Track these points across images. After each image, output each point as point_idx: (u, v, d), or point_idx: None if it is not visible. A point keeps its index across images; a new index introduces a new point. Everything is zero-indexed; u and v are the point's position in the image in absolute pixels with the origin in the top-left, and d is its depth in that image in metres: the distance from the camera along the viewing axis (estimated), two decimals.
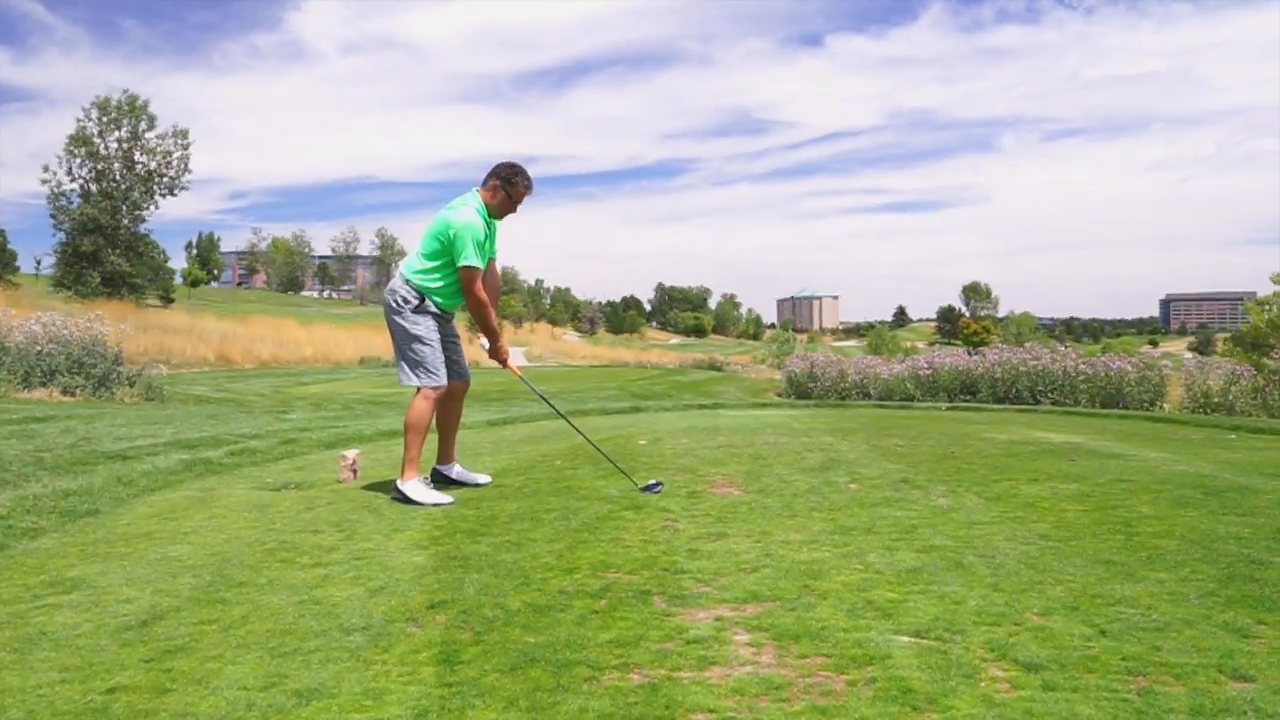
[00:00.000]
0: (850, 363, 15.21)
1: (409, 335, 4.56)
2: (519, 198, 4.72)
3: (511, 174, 4.68)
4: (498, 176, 4.72)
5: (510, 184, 4.67)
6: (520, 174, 4.70)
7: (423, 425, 4.53)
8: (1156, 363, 11.47)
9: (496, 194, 4.71)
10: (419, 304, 4.58)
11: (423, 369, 4.53)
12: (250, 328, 42.33)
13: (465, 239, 4.51)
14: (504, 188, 4.68)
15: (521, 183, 4.69)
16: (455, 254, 4.53)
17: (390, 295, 4.62)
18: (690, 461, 5.33)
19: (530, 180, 4.75)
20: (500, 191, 4.69)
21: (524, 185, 4.70)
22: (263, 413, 10.35)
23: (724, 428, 7.29)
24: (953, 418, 8.43)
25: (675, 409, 9.63)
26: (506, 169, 4.72)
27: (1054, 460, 5.27)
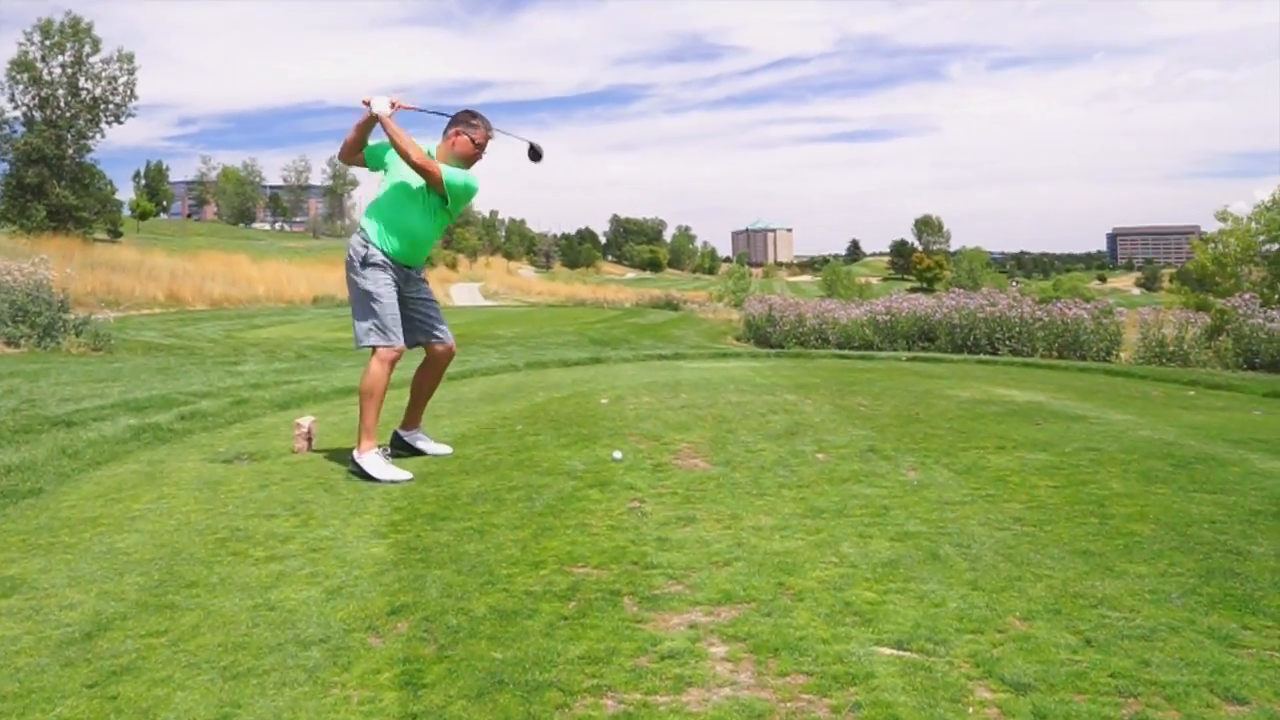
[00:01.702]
0: (808, 306, 15.20)
1: (359, 290, 4.35)
2: (482, 140, 4.53)
3: (470, 117, 4.52)
4: (457, 123, 4.53)
5: (471, 126, 4.50)
6: (479, 116, 4.53)
7: (377, 391, 4.33)
8: (1111, 310, 11.60)
9: (458, 141, 4.50)
10: (365, 254, 4.35)
11: (374, 329, 4.33)
12: (201, 265, 41.15)
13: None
14: (466, 131, 4.50)
15: (482, 124, 4.52)
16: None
17: (347, 249, 4.42)
18: (654, 426, 5.22)
19: (489, 124, 4.56)
20: (463, 135, 4.49)
21: (485, 127, 4.52)
22: (214, 364, 10.04)
23: (686, 383, 7.20)
24: (914, 370, 8.43)
25: (635, 359, 9.52)
26: (465, 114, 4.54)
27: (1019, 424, 5.27)
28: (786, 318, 14.49)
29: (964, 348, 11.93)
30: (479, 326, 18.05)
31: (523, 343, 14.12)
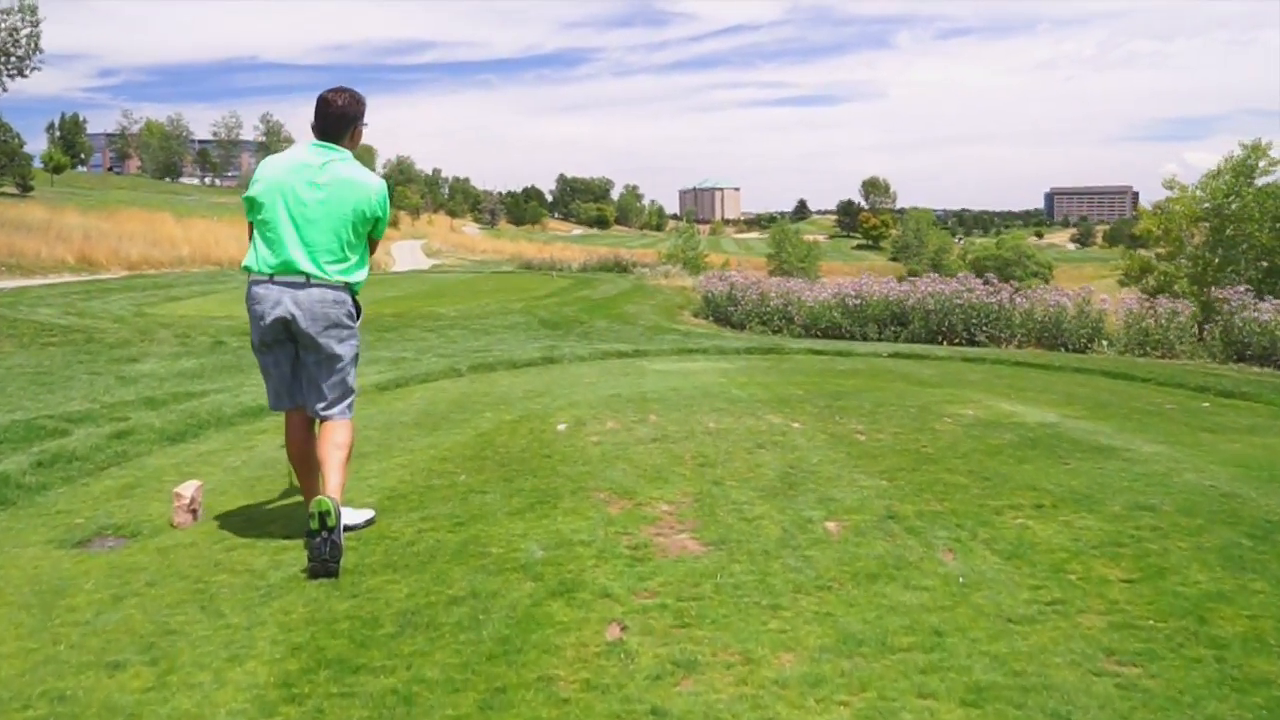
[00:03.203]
0: (771, 284, 14.40)
1: (355, 354, 3.71)
2: None
3: (361, 105, 3.72)
4: (357, 118, 3.69)
5: (362, 117, 3.71)
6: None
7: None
8: (1093, 298, 11.03)
9: (359, 136, 3.75)
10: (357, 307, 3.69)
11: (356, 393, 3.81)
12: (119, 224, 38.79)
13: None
14: (361, 124, 3.73)
15: (364, 103, 3.74)
16: (380, 230, 3.71)
17: (336, 309, 3.52)
18: (624, 473, 4.37)
19: None
20: (359, 132, 3.74)
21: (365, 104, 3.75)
22: (109, 362, 8.88)
23: (654, 397, 6.35)
24: (899, 372, 7.69)
25: (592, 356, 8.62)
26: (361, 102, 3.71)
27: (1045, 462, 4.54)
28: (749, 297, 13.69)
29: (938, 334, 11.29)
30: (419, 302, 16.90)
31: (466, 324, 13.09)
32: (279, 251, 3.49)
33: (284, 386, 3.65)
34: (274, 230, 3.51)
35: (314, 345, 3.50)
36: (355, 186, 3.53)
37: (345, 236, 3.51)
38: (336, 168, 3.54)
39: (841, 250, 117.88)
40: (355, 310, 3.63)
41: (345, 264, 3.53)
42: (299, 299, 3.46)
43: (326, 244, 3.49)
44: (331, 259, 3.49)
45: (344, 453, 3.49)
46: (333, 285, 3.50)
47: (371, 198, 3.56)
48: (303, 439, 3.65)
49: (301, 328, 3.47)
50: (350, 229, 3.52)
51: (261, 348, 3.61)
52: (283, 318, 3.48)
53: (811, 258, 72.06)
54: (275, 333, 3.53)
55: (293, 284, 3.47)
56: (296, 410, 3.68)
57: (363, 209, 3.53)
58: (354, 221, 3.52)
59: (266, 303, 3.50)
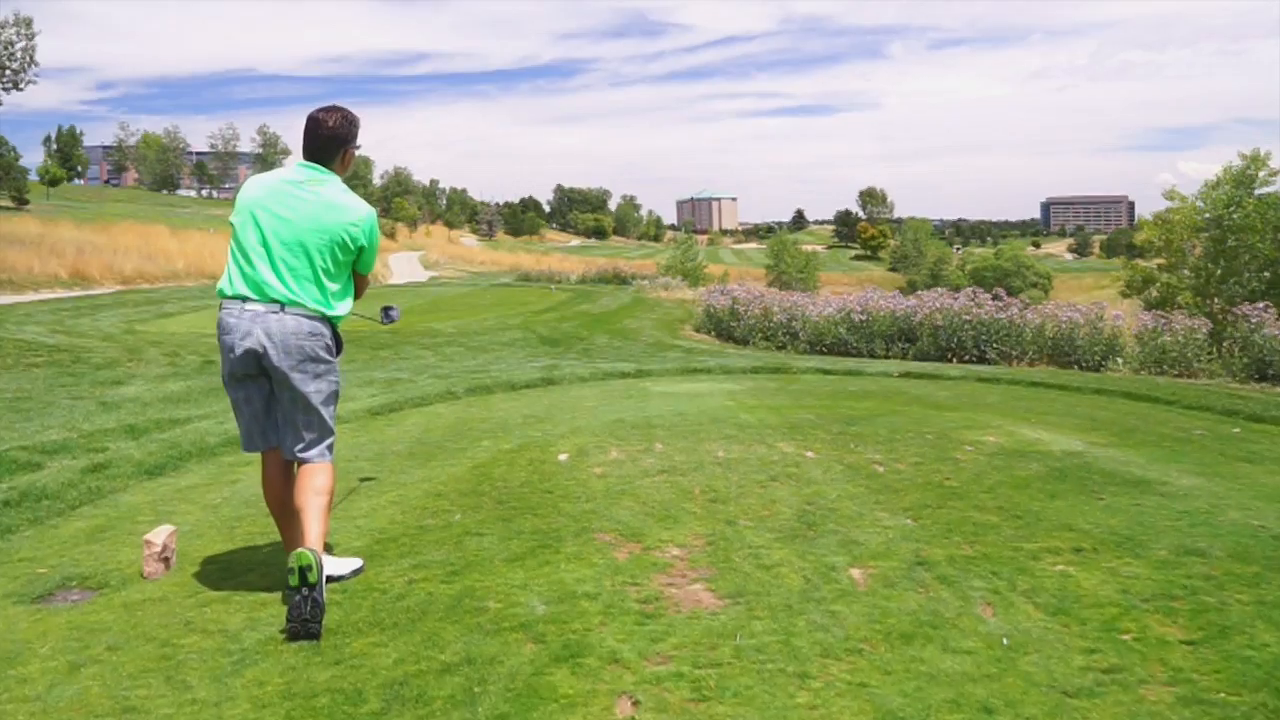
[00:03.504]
0: (774, 298, 14.14)
1: (334, 390, 3.41)
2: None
3: (354, 123, 3.44)
4: (349, 140, 3.40)
5: (356, 139, 3.44)
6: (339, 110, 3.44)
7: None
8: (1106, 314, 10.77)
9: (352, 156, 3.49)
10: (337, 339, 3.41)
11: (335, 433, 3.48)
12: (114, 237, 38.43)
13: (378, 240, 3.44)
14: (353, 146, 3.45)
15: (359, 123, 3.48)
16: (368, 263, 3.43)
17: (312, 341, 3.24)
18: (630, 511, 4.10)
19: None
20: (350, 155, 3.47)
21: (359, 125, 3.49)
22: (93, 385, 8.60)
23: (659, 422, 6.07)
24: (912, 393, 7.42)
25: (593, 377, 8.34)
26: (352, 125, 3.42)
27: (1078, 497, 4.26)
28: (751, 312, 13.42)
29: (947, 350, 11.02)
30: (415, 318, 16.63)
31: (464, 341, 12.82)
32: (251, 276, 3.22)
33: (256, 426, 3.36)
34: (247, 253, 3.24)
35: (286, 381, 3.22)
36: (337, 210, 3.25)
37: (323, 263, 3.22)
38: (319, 190, 3.26)
39: (840, 261, 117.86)
40: (335, 343, 3.35)
41: (323, 293, 3.24)
42: (270, 329, 3.18)
43: (302, 270, 3.21)
44: (308, 286, 3.21)
45: (325, 499, 3.20)
46: (308, 314, 3.21)
47: (355, 224, 3.27)
48: (280, 484, 3.36)
49: (273, 361, 3.19)
50: (329, 256, 3.23)
51: (231, 381, 3.32)
52: (253, 350, 3.19)
53: (810, 268, 71.94)
54: (246, 366, 3.24)
55: (265, 311, 3.19)
56: (272, 452, 3.39)
57: (343, 235, 3.24)
58: (334, 248, 3.23)
59: (236, 333, 3.22)
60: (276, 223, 3.20)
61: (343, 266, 3.30)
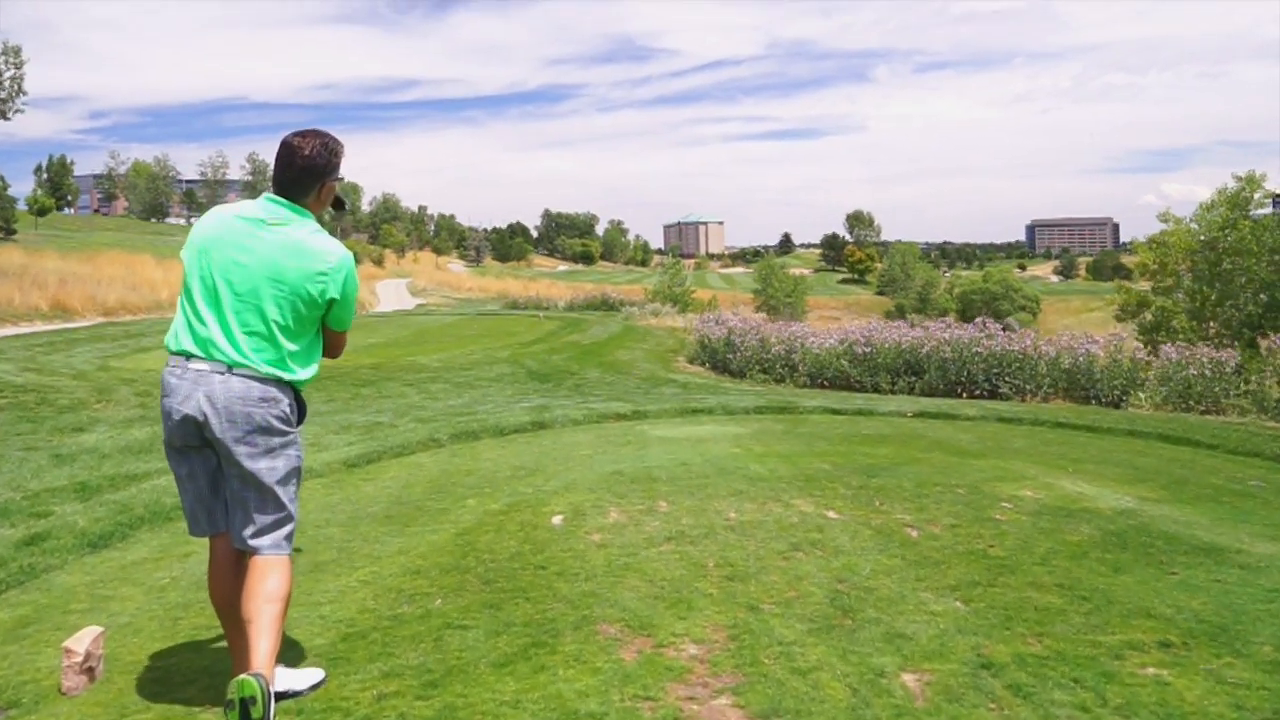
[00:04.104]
0: (772, 329, 13.66)
1: (294, 467, 2.84)
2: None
3: (334, 151, 2.87)
4: (329, 173, 2.85)
5: (337, 170, 2.89)
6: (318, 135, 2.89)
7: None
8: (1127, 346, 10.32)
9: (329, 194, 2.93)
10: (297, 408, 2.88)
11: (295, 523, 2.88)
12: (98, 268, 37.86)
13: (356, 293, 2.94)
14: (332, 178, 2.88)
15: (341, 153, 2.91)
16: (342, 319, 2.89)
17: (263, 409, 2.70)
18: (636, 594, 3.57)
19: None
20: (330, 188, 2.91)
21: (341, 153, 2.92)
22: (51, 431, 8.01)
23: (661, 474, 5.54)
24: (932, 437, 6.92)
25: (587, 419, 7.81)
26: (334, 152, 2.86)
27: (1144, 569, 3.76)
28: (748, 343, 12.93)
29: (957, 384, 10.54)
30: (400, 350, 16.08)
31: (449, 377, 12.27)
32: (197, 330, 2.71)
33: (201, 507, 2.81)
34: (194, 303, 2.73)
35: (231, 456, 2.69)
36: (303, 256, 2.73)
37: (281, 319, 2.70)
38: (284, 231, 2.74)
39: (827, 284, 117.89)
40: (297, 411, 2.83)
41: (279, 353, 2.72)
42: (214, 393, 2.65)
43: (256, 325, 2.69)
44: (260, 345, 2.70)
45: (278, 606, 2.65)
46: (260, 378, 2.70)
47: (323, 274, 2.74)
48: (228, 579, 2.81)
49: (214, 432, 2.66)
50: (289, 311, 2.71)
51: (171, 452, 2.79)
52: (192, 417, 2.66)
53: (798, 292, 71.86)
54: (185, 435, 2.71)
55: (209, 372, 2.67)
56: (220, 538, 2.85)
57: (306, 287, 2.72)
58: (295, 301, 2.72)
59: (177, 395, 2.69)
60: (231, 268, 2.69)
61: (307, 323, 2.78)
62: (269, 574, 2.68)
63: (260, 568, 2.70)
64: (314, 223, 2.83)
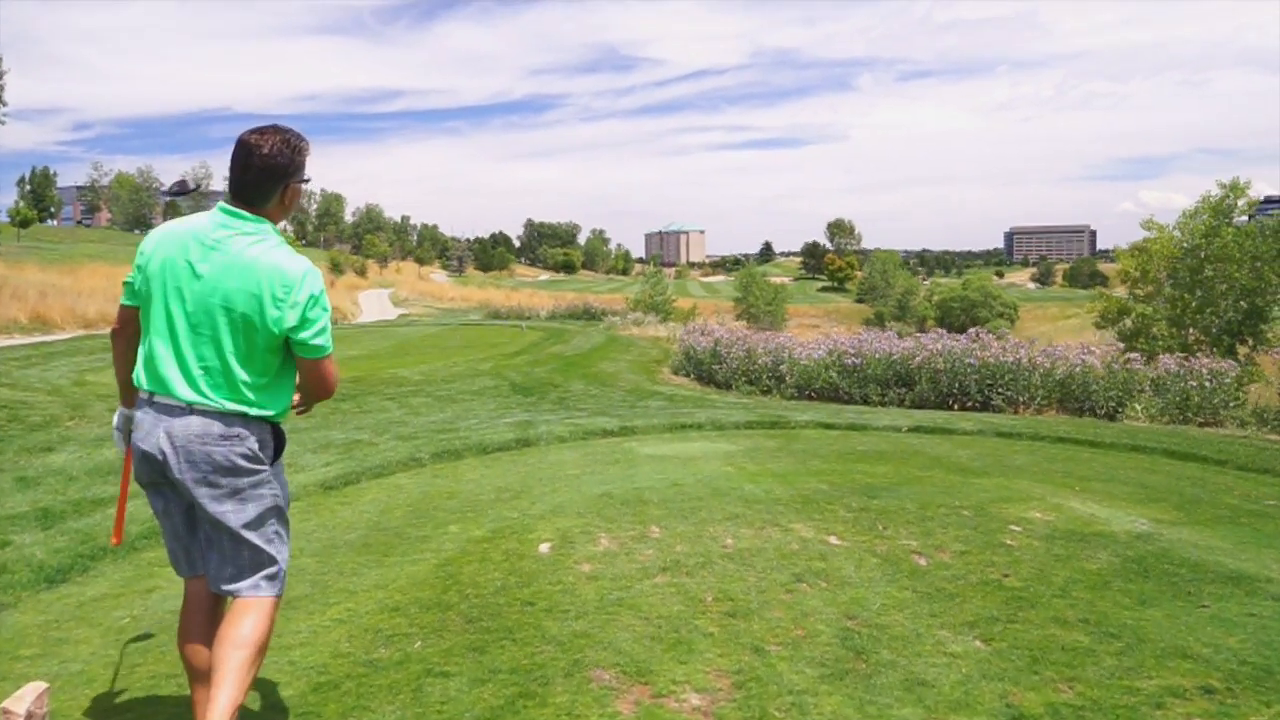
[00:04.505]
0: (758, 339, 13.44)
1: (273, 504, 2.54)
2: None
3: (296, 146, 2.52)
4: (292, 173, 2.51)
5: (303, 170, 2.54)
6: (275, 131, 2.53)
7: None
8: (1122, 356, 10.17)
9: (294, 198, 2.59)
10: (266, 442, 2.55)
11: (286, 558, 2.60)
12: (79, 280, 37.32)
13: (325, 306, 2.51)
14: (297, 180, 2.54)
15: (307, 150, 2.56)
16: (312, 348, 2.46)
17: (225, 448, 2.41)
18: (631, 633, 3.31)
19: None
20: (295, 191, 2.57)
21: (307, 152, 2.57)
22: (19, 451, 7.67)
23: (652, 496, 5.29)
24: (931, 455, 6.70)
25: (573, 436, 7.55)
26: (299, 149, 2.53)
27: (1173, 602, 3.55)
28: (734, 354, 12.70)
29: (949, 396, 10.35)
30: (381, 363, 15.76)
31: (431, 390, 11.98)
32: (153, 365, 2.43)
33: (179, 544, 2.55)
34: (149, 333, 2.46)
35: (193, 499, 2.42)
36: (251, 276, 2.39)
37: (237, 350, 2.41)
38: (236, 245, 2.42)
39: (807, 293, 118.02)
40: (273, 445, 2.54)
41: (240, 389, 2.43)
42: (173, 431, 2.38)
43: (210, 359, 2.40)
44: (218, 381, 2.41)
45: (247, 653, 2.38)
46: (221, 414, 2.41)
47: (278, 296, 2.39)
48: (200, 628, 2.52)
49: (174, 473, 2.40)
50: (242, 337, 2.40)
51: (143, 486, 2.53)
52: (153, 455, 2.40)
53: (778, 301, 71.83)
54: (150, 472, 2.46)
55: (171, 406, 2.40)
56: (196, 581, 2.58)
57: (258, 312, 2.38)
58: (247, 328, 2.39)
59: (139, 430, 2.45)
60: (181, 296, 2.40)
61: (267, 352, 2.45)
62: (244, 616, 2.41)
63: (236, 609, 2.44)
64: (272, 234, 2.49)
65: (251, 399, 2.44)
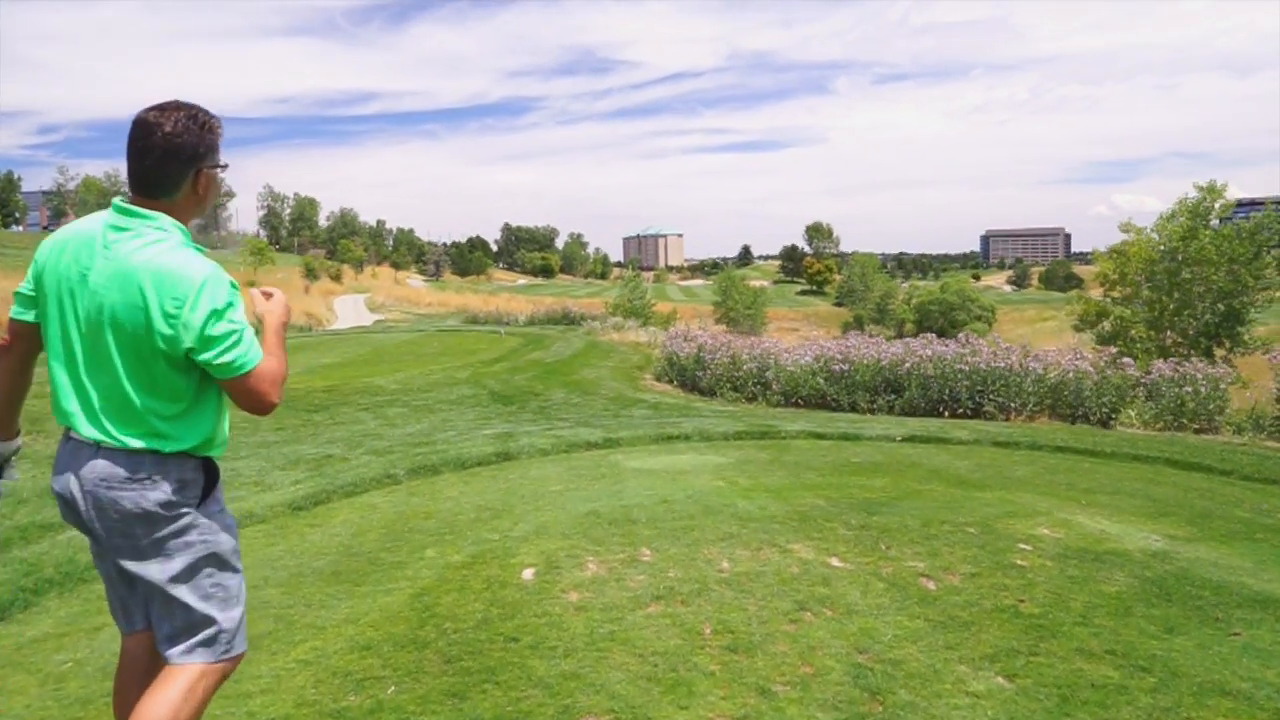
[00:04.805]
0: (743, 345, 13.20)
1: (213, 554, 2.16)
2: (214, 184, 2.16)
3: (208, 129, 2.11)
4: (204, 155, 2.10)
5: (215, 137, 2.12)
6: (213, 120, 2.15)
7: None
8: (1116, 360, 10.01)
9: (209, 181, 2.15)
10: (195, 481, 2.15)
11: (242, 620, 2.24)
12: None
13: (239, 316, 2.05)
14: (210, 163, 2.13)
15: (219, 129, 2.15)
16: (225, 365, 2.02)
17: (135, 494, 2.04)
18: (624, 673, 3.04)
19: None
20: (209, 178, 2.14)
21: (220, 131, 2.15)
22: None
23: (641, 514, 5.02)
24: (928, 466, 6.47)
25: (555, 448, 7.26)
26: (210, 127, 2.12)
27: (1204, 631, 3.32)
28: (718, 360, 12.46)
29: (939, 403, 10.15)
30: (356, 371, 15.39)
31: (407, 400, 11.64)
32: (55, 395, 2.10)
33: (115, 594, 2.22)
34: (50, 357, 2.10)
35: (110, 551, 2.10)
36: (139, 285, 1.97)
37: (132, 373, 2.02)
38: (125, 249, 2.01)
39: (786, 296, 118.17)
40: (201, 482, 2.14)
41: (145, 422, 2.04)
42: (81, 475, 2.05)
43: (109, 387, 2.04)
44: (119, 414, 2.04)
45: None
46: (127, 454, 2.04)
47: (169, 312, 1.96)
48: (131, 689, 2.21)
49: (83, 522, 2.08)
50: (137, 362, 2.01)
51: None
52: (65, 498, 2.09)
53: (758, 304, 71.78)
54: (70, 516, 2.13)
55: (81, 444, 2.07)
56: (134, 638, 2.25)
57: (146, 327, 1.97)
58: (136, 346, 1.99)
59: (55, 469, 2.14)
60: (74, 313, 2.04)
61: (169, 376, 2.04)
62: (163, 688, 2.07)
63: (160, 679, 2.12)
64: (175, 233, 2.06)
65: (163, 432, 2.05)
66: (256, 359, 2.06)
